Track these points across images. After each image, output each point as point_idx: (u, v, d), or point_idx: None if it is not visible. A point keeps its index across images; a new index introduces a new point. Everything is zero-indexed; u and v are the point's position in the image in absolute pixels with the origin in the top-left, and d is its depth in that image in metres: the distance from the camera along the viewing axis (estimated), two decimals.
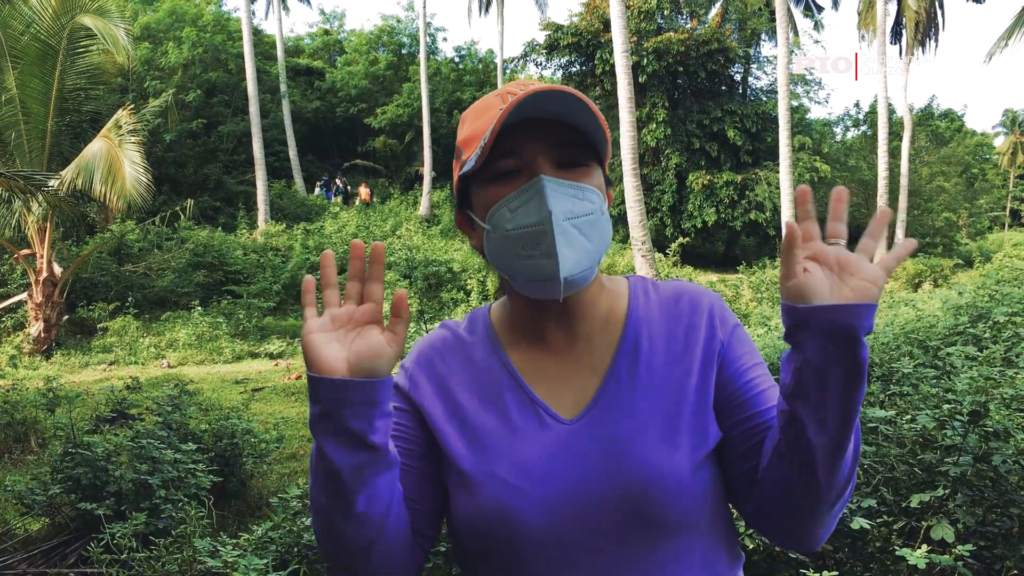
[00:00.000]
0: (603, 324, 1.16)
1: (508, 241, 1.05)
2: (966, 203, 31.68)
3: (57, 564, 4.33)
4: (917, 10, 27.81)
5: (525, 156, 1.04)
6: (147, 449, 4.67)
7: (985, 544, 2.97)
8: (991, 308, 7.24)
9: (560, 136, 1.05)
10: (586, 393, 1.11)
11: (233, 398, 8.92)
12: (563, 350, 1.15)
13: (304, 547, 3.72)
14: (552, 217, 1.00)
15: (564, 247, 1.01)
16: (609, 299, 1.19)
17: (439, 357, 1.19)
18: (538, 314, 1.15)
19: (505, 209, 1.04)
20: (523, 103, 1.00)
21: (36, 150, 13.73)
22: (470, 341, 1.20)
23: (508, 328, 1.20)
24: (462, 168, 1.09)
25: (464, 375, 1.16)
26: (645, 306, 1.18)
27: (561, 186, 1.03)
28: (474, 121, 1.10)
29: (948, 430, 3.04)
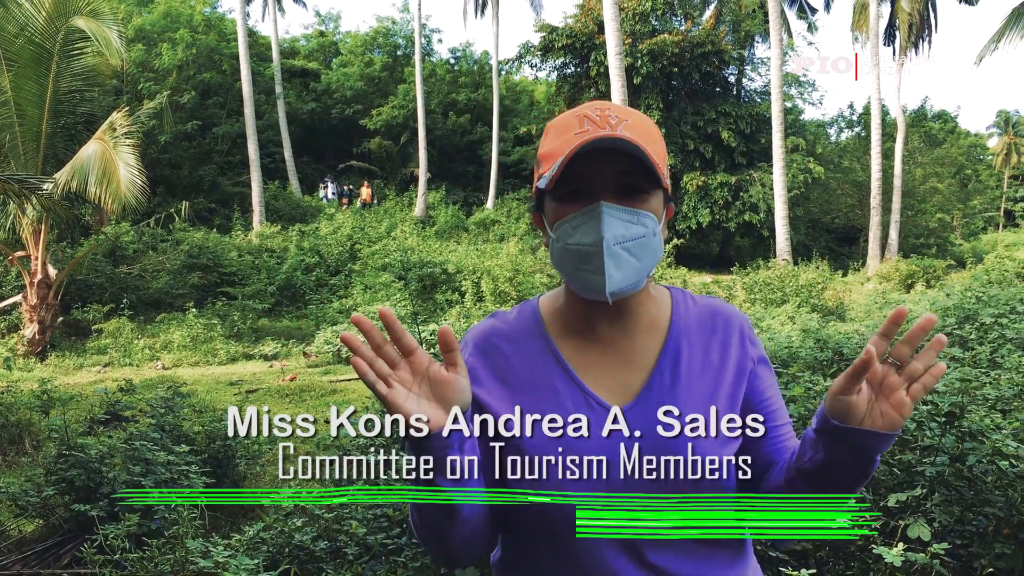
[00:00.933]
0: (648, 326, 1.30)
1: (567, 253, 1.20)
2: (959, 204, 31.79)
3: (51, 565, 4.37)
4: (910, 12, 27.94)
5: (589, 181, 1.18)
6: (140, 451, 4.71)
7: (962, 543, 3.03)
8: (978, 309, 7.31)
9: (624, 164, 1.18)
10: (633, 386, 1.25)
11: (227, 399, 8.96)
12: (610, 345, 1.29)
13: (295, 547, 3.77)
14: (604, 242, 1.16)
15: (612, 268, 1.17)
16: (653, 304, 1.33)
17: (492, 347, 1.30)
18: (589, 311, 1.29)
19: (568, 226, 1.20)
20: (595, 141, 1.15)
21: (31, 152, 13.75)
22: (521, 331, 1.32)
23: (558, 320, 1.32)
24: (538, 179, 1.24)
25: (517, 361, 1.28)
26: (686, 316, 1.33)
27: (618, 211, 1.17)
28: (555, 138, 1.23)
29: (926, 431, 3.10)
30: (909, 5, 27.79)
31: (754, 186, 24.65)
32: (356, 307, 17.16)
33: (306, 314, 17.92)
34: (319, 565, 3.66)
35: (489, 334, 1.32)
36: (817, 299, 15.48)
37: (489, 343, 1.31)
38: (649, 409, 1.21)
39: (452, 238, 24.36)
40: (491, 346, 1.30)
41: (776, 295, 16.12)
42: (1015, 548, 2.85)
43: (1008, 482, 2.96)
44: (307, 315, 17.80)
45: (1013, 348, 6.05)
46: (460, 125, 33.42)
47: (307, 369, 12.54)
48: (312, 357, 13.45)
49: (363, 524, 3.67)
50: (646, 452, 1.18)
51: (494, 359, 1.28)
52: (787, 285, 16.46)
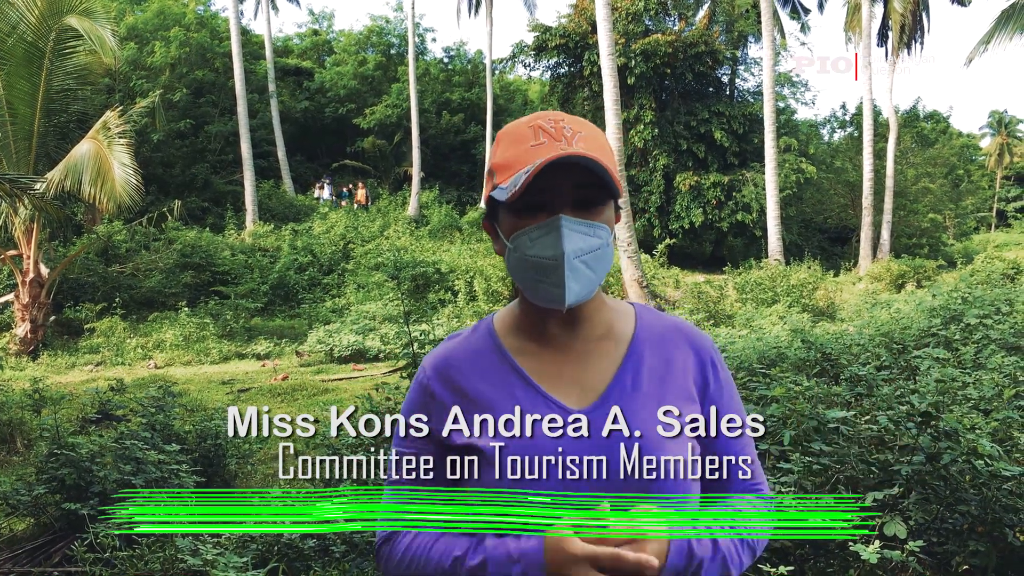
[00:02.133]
0: (607, 333, 1.33)
1: (525, 264, 1.23)
2: (951, 204, 31.93)
3: (42, 563, 4.40)
4: (903, 13, 28.01)
5: (549, 195, 1.20)
6: (131, 450, 4.74)
7: (937, 540, 3.08)
8: (964, 310, 7.37)
9: (581, 178, 1.20)
10: (594, 390, 1.27)
11: (220, 399, 8.98)
12: (568, 352, 1.31)
13: (284, 546, 3.81)
14: (565, 256, 1.19)
15: (572, 281, 1.20)
16: (612, 315, 1.35)
17: (450, 367, 1.32)
18: (545, 319, 1.31)
19: (526, 237, 1.22)
20: (560, 159, 1.16)
21: (22, 151, 13.73)
22: (477, 348, 1.34)
23: (513, 332, 1.35)
24: (493, 189, 1.24)
25: (475, 377, 1.30)
26: (650, 328, 1.36)
27: (576, 224, 1.20)
28: (508, 148, 1.25)
29: (903, 430, 3.16)
30: (902, 6, 27.87)
31: (747, 186, 24.74)
32: (349, 306, 17.19)
33: (299, 313, 17.93)
34: (307, 563, 3.70)
35: (446, 356, 1.34)
36: (808, 299, 15.56)
37: (447, 364, 1.33)
38: (610, 412, 1.23)
39: (445, 238, 24.38)
40: (449, 367, 1.32)
41: (767, 295, 16.19)
42: (989, 545, 2.91)
43: (983, 481, 3.02)
44: (300, 314, 17.81)
45: (997, 349, 6.11)
46: (454, 124, 33.44)
47: (299, 368, 12.56)
48: (305, 356, 13.47)
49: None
50: (609, 454, 1.20)
51: (453, 380, 1.30)
52: (778, 285, 16.53)
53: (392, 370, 11.04)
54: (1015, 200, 56.23)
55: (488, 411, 1.25)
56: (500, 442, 1.22)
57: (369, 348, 13.22)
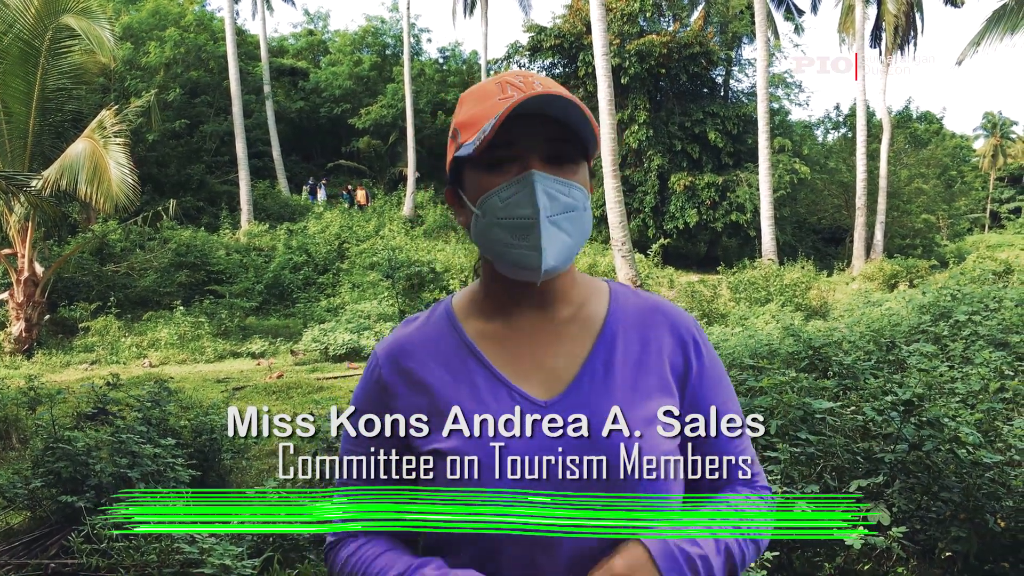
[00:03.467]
0: (577, 315, 1.22)
1: (497, 228, 1.11)
2: (944, 205, 32.05)
3: (38, 555, 4.43)
4: (896, 14, 28.14)
5: (519, 148, 1.10)
6: (127, 444, 4.78)
7: (921, 527, 3.14)
8: (953, 307, 7.45)
9: (553, 132, 1.11)
10: (562, 379, 1.16)
11: (214, 396, 9.00)
12: (535, 335, 1.20)
13: (279, 536, 3.85)
14: (540, 214, 1.08)
15: (548, 242, 1.09)
16: (585, 294, 1.24)
17: (404, 354, 1.21)
18: (512, 298, 1.20)
19: (496, 198, 1.10)
20: (526, 102, 1.07)
21: (18, 150, 13.74)
22: (433, 332, 1.23)
23: (474, 314, 1.24)
24: (457, 150, 1.15)
25: (432, 365, 1.19)
26: (624, 309, 1.23)
27: (550, 181, 1.09)
28: (473, 105, 1.15)
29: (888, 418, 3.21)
30: (895, 7, 27.99)
31: (741, 186, 24.82)
32: (344, 305, 17.22)
33: (294, 312, 17.96)
34: (302, 553, 3.75)
35: (400, 343, 1.23)
36: (801, 298, 15.64)
37: (400, 351, 1.22)
38: (580, 402, 1.14)
39: (440, 237, 24.41)
40: (403, 354, 1.21)
41: (761, 294, 16.27)
42: (970, 532, 2.97)
43: (965, 469, 3.08)
44: (295, 313, 17.84)
45: (985, 344, 6.18)
46: (449, 125, 33.45)
47: (294, 367, 12.59)
48: (299, 355, 13.50)
49: None
50: (576, 449, 1.11)
51: (407, 368, 1.20)
52: (772, 285, 16.62)
53: None
54: (1008, 201, 56.52)
55: (446, 403, 1.15)
56: (458, 439, 1.12)
57: (364, 347, 13.26)
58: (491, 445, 1.11)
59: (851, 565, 3.13)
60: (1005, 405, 4.11)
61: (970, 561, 3.06)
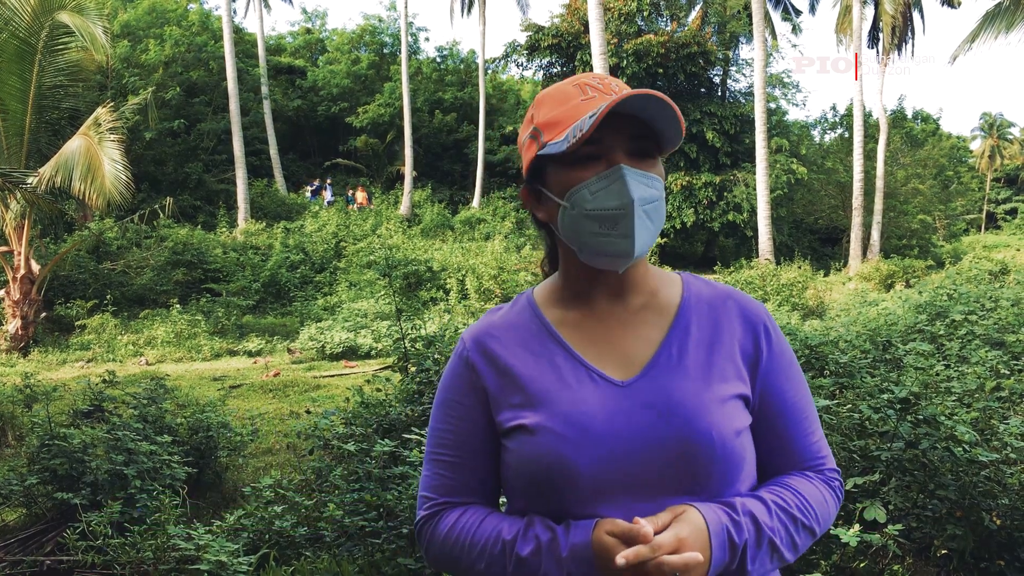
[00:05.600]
0: (653, 301, 1.28)
1: (586, 219, 1.17)
2: (941, 205, 32.11)
3: (34, 552, 4.42)
4: (893, 14, 28.19)
5: (606, 145, 1.16)
6: (123, 441, 4.77)
7: (916, 525, 3.15)
8: (949, 307, 7.46)
9: (636, 129, 1.17)
10: (638, 360, 1.22)
11: (211, 394, 8.99)
12: (611, 319, 1.26)
13: (275, 533, 3.85)
14: (634, 204, 1.14)
15: (640, 230, 1.16)
16: (656, 282, 1.31)
17: (490, 338, 1.28)
18: (590, 286, 1.27)
19: (586, 191, 1.16)
20: (624, 101, 1.12)
21: (14, 147, 13.72)
22: (517, 320, 1.30)
23: (554, 302, 1.30)
24: (541, 148, 1.20)
25: (516, 348, 1.26)
26: (697, 297, 1.29)
27: (637, 175, 1.16)
28: (554, 107, 1.22)
29: (884, 416, 3.22)
30: (892, 7, 28.05)
31: (738, 186, 24.85)
32: (341, 304, 17.22)
33: (291, 311, 17.96)
34: (298, 549, 3.74)
35: (486, 328, 1.30)
36: (798, 298, 15.67)
37: (487, 336, 1.29)
38: (657, 383, 1.18)
39: (437, 236, 24.42)
40: (489, 338, 1.28)
41: (758, 294, 16.28)
42: (966, 530, 2.97)
43: (961, 467, 3.08)
44: (292, 312, 17.84)
45: (981, 344, 6.19)
46: (446, 124, 33.48)
47: (291, 365, 12.59)
48: (296, 353, 13.49)
49: (340, 508, 3.75)
50: (652, 427, 1.15)
51: (493, 352, 1.26)
52: (768, 284, 16.64)
53: (383, 367, 11.08)
54: (1004, 202, 56.64)
55: (530, 383, 1.21)
56: (542, 415, 1.18)
57: (361, 345, 13.26)
58: (573, 421, 1.16)
59: (847, 562, 3.13)
60: (1001, 404, 4.12)
61: (966, 559, 3.06)
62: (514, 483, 1.23)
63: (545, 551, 1.12)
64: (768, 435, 1.26)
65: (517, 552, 1.14)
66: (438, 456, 1.29)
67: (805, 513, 1.20)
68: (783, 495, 1.20)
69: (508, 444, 1.22)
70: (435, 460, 1.30)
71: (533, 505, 1.20)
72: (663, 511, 1.11)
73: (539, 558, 1.13)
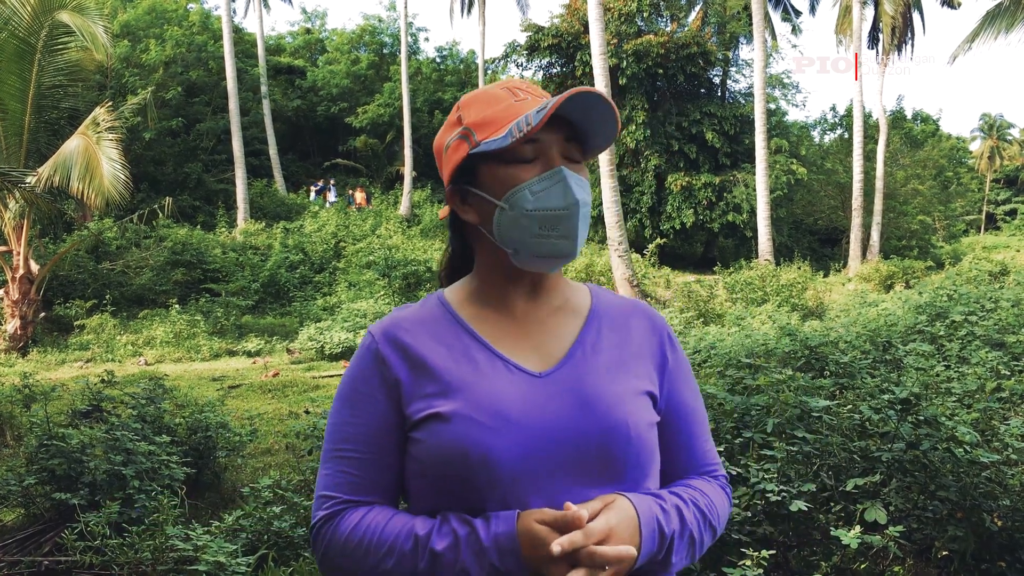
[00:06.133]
0: (567, 305, 1.30)
1: (526, 220, 1.16)
2: (941, 206, 32.11)
3: (32, 552, 4.40)
4: (893, 15, 28.18)
5: (545, 145, 1.17)
6: (121, 441, 4.75)
7: (917, 526, 3.14)
8: (949, 307, 7.45)
9: (569, 132, 1.19)
10: (555, 354, 1.22)
11: (210, 395, 8.98)
12: (527, 318, 1.26)
13: (273, 534, 3.84)
14: (579, 205, 1.16)
15: (581, 231, 1.18)
16: (568, 289, 1.33)
17: (401, 331, 1.23)
18: (509, 289, 1.26)
19: (527, 191, 1.16)
20: (567, 101, 1.12)
21: (13, 147, 13.71)
22: (428, 317, 1.26)
23: (469, 303, 1.28)
24: (475, 147, 1.18)
25: (428, 341, 1.22)
26: (606, 305, 1.33)
27: (576, 178, 1.17)
28: (485, 108, 1.21)
29: (884, 417, 3.21)
30: (892, 8, 28.04)
31: (738, 187, 24.83)
32: (340, 304, 17.20)
33: (290, 311, 17.94)
34: (297, 551, 3.73)
35: (396, 321, 1.26)
36: (798, 299, 15.65)
37: (397, 328, 1.24)
38: (573, 374, 1.19)
39: (437, 236, 24.39)
40: (400, 330, 1.24)
41: (757, 295, 16.28)
42: (967, 531, 2.96)
43: (962, 469, 3.07)
44: (291, 312, 17.83)
45: (981, 344, 6.18)
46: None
47: (290, 365, 12.57)
48: (295, 353, 13.48)
49: None
50: (569, 417, 1.14)
51: (404, 343, 1.22)
52: (768, 285, 16.63)
53: None
54: (1004, 203, 56.67)
55: (445, 373, 1.18)
56: (457, 403, 1.14)
57: None
58: (491, 409, 1.14)
59: (848, 564, 3.12)
60: (1002, 405, 4.11)
61: (967, 560, 3.05)
62: (422, 480, 1.17)
63: (464, 544, 1.08)
64: (670, 438, 1.28)
65: (431, 547, 1.09)
66: (341, 453, 1.21)
67: (711, 513, 1.24)
68: (694, 494, 1.23)
69: (418, 436, 1.16)
70: (338, 457, 1.21)
71: (443, 502, 1.15)
72: (593, 499, 1.11)
73: (456, 552, 1.08)
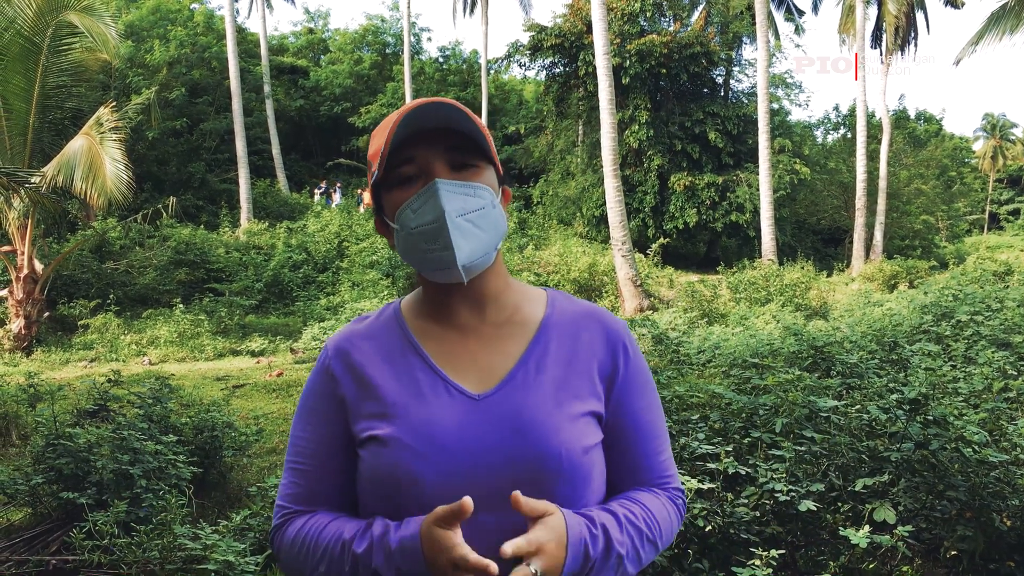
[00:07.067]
0: (516, 317, 1.30)
1: (413, 238, 1.19)
2: (943, 206, 32.07)
3: (39, 552, 4.41)
4: (896, 15, 28.14)
5: (421, 162, 1.20)
6: (128, 440, 4.76)
7: (926, 526, 3.13)
8: (955, 307, 7.44)
9: (452, 141, 1.20)
10: (496, 374, 1.23)
11: (214, 394, 8.99)
12: (471, 332, 1.28)
13: None
14: (446, 215, 1.16)
15: (459, 239, 1.16)
16: (520, 297, 1.33)
17: (352, 347, 1.29)
18: (448, 299, 1.29)
19: (408, 211, 1.19)
20: (410, 116, 1.16)
21: (18, 147, 13.73)
22: (381, 329, 1.32)
23: (418, 315, 1.32)
24: (372, 179, 1.24)
25: (376, 359, 1.27)
26: (560, 314, 1.32)
27: (454, 186, 1.18)
28: (377, 138, 1.23)
29: (893, 416, 3.20)
30: (895, 8, 28.00)
31: (741, 187, 24.80)
32: (343, 304, 17.21)
33: (293, 311, 17.95)
34: None
35: (349, 336, 1.32)
36: (801, 299, 15.64)
37: (350, 345, 1.30)
38: (510, 397, 1.20)
39: None
40: (352, 348, 1.29)
41: (760, 294, 16.26)
42: (976, 531, 2.96)
43: (971, 468, 3.07)
44: (294, 312, 17.83)
45: (987, 344, 6.18)
46: None
47: (294, 365, 12.58)
48: (299, 353, 13.49)
49: None
50: (504, 440, 1.16)
51: (354, 361, 1.27)
52: (771, 285, 16.62)
53: None
54: (1007, 203, 56.62)
55: (387, 395, 1.22)
56: (396, 427, 1.19)
57: None
58: (424, 434, 1.17)
59: (856, 564, 3.12)
60: (1009, 405, 4.11)
61: (976, 560, 3.05)
62: (366, 494, 1.23)
63: (376, 546, 1.13)
64: (618, 452, 1.29)
65: (353, 550, 1.15)
66: (294, 464, 1.30)
67: (651, 528, 1.24)
68: (633, 509, 1.23)
69: (362, 454, 1.22)
70: (291, 469, 1.30)
71: (386, 515, 1.19)
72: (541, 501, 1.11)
73: (370, 554, 1.13)
